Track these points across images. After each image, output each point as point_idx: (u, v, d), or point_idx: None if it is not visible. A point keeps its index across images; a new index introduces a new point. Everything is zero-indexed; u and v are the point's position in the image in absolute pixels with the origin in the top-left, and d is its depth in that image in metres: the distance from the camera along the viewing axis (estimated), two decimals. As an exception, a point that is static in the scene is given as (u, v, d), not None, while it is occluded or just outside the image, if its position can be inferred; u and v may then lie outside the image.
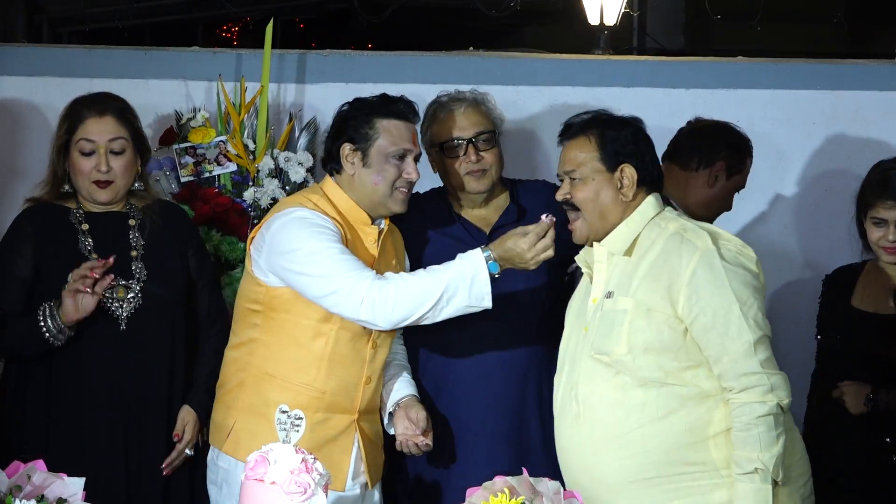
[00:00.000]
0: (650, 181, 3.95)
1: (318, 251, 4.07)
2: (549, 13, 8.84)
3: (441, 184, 4.61)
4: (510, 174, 4.65)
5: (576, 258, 4.10)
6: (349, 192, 4.23)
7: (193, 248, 4.49)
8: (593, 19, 6.47)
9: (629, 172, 3.89)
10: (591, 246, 3.99)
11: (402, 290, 4.02)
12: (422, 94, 5.20)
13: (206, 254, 4.67)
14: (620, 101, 5.35)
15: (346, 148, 4.20)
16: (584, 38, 6.55)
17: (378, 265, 4.19)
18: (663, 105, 5.47)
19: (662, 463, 3.79)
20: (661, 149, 4.53)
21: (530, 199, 4.58)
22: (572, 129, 4.00)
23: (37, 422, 4.28)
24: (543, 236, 3.97)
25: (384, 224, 4.28)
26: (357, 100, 4.33)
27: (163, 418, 4.33)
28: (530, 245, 3.97)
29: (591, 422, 3.87)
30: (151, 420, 4.32)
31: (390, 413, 4.30)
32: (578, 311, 4.05)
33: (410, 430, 4.20)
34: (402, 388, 4.33)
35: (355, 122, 4.22)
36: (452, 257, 4.11)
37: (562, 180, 4.01)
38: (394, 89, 5.27)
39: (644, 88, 5.51)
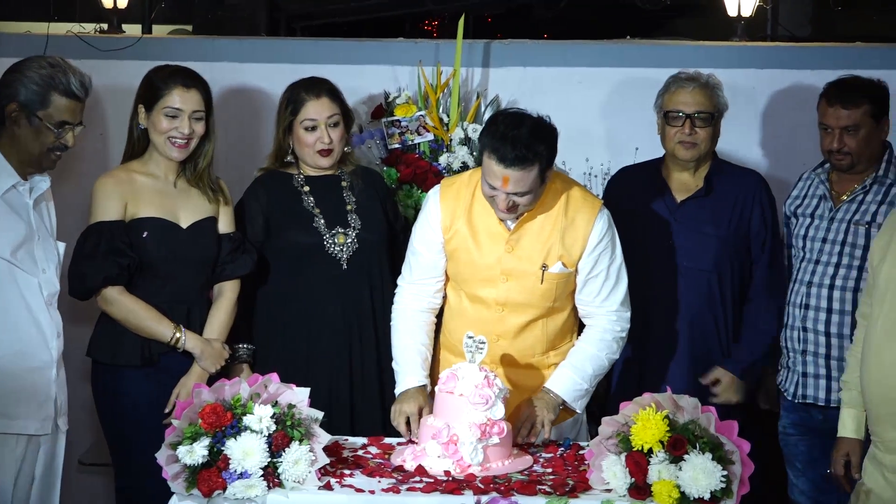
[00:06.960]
0: None
1: None
2: (693, 6, 8.90)
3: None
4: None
5: None
6: None
7: (389, 203, 4.64)
8: (732, 11, 6.52)
9: None
10: None
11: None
12: (587, 75, 5.24)
13: (398, 208, 4.82)
14: (756, 81, 5.39)
15: None
16: (724, 28, 6.59)
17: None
18: (789, 84, 5.40)
19: None
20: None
21: (723, 181, 4.53)
22: None
23: (270, 346, 4.46)
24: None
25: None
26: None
27: (373, 337, 4.46)
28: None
29: None
30: (367, 338, 4.45)
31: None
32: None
33: None
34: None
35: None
36: (652, 218, 4.41)
37: None
38: (565, 72, 5.42)
39: (775, 70, 5.43)
